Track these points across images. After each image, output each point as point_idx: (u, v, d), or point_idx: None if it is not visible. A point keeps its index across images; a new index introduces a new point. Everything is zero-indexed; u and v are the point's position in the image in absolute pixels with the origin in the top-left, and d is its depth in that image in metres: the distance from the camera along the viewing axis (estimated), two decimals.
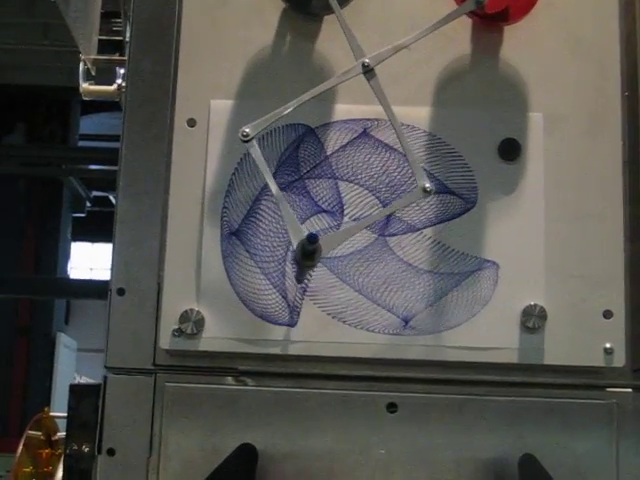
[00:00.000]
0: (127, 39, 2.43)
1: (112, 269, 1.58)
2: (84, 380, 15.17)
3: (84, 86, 2.57)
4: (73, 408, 1.63)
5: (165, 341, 1.50)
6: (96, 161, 13.11)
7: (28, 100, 13.14)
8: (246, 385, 1.52)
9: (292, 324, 1.48)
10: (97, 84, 2.35)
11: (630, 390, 1.55)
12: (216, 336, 1.49)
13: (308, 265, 1.37)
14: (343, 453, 1.50)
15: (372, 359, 1.50)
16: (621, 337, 1.51)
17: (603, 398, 1.54)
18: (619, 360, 1.51)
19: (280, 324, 1.48)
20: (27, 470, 1.89)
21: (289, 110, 1.41)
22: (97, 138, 13.43)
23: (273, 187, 1.38)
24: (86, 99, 2.56)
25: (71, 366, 14.42)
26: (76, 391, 1.64)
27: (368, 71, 1.41)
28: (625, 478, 1.52)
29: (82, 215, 15.09)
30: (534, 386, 1.53)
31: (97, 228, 16.91)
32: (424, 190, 1.37)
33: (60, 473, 1.76)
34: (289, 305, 1.48)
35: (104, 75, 2.49)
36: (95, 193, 14.92)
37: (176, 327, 1.49)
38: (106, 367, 1.57)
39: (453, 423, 1.51)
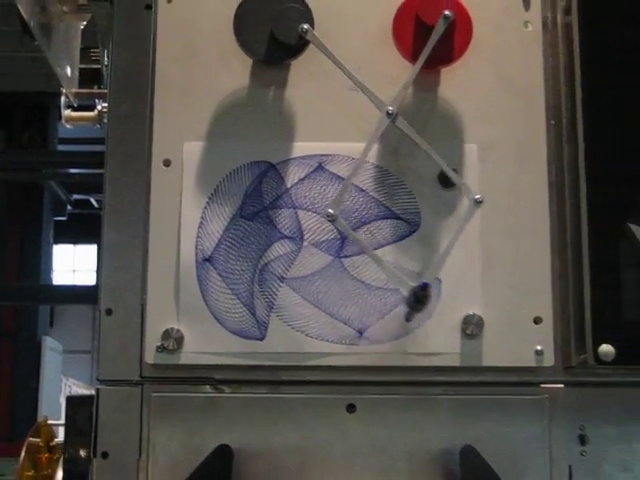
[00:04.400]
0: (105, 70, 2.61)
1: (100, 292, 1.74)
2: (70, 382, 15.26)
3: (66, 113, 2.76)
4: (70, 417, 1.79)
5: (150, 356, 1.67)
6: (76, 164, 13.14)
7: (6, 106, 13.20)
8: (222, 392, 1.68)
9: (261, 338, 1.66)
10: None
11: (562, 385, 1.74)
12: (195, 351, 1.65)
13: (420, 310, 1.58)
14: (309, 449, 1.66)
15: (332, 366, 1.66)
16: (550, 340, 1.68)
17: (537, 393, 1.70)
18: (549, 360, 1.68)
19: (250, 338, 1.66)
20: (29, 474, 2.07)
21: (351, 176, 1.62)
22: (76, 142, 13.47)
23: (364, 247, 1.62)
24: (69, 126, 2.74)
25: (57, 368, 14.45)
26: (72, 402, 1.80)
27: (394, 117, 1.61)
28: (557, 464, 1.70)
29: (63, 218, 15.13)
30: (476, 385, 1.69)
31: (79, 230, 17.03)
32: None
33: (59, 475, 1.93)
34: (258, 321, 1.66)
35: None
36: (76, 196, 14.97)
37: (159, 344, 1.65)
38: (98, 380, 1.73)
39: (406, 420, 1.68)
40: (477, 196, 1.61)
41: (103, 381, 1.73)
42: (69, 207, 14.90)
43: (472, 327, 1.67)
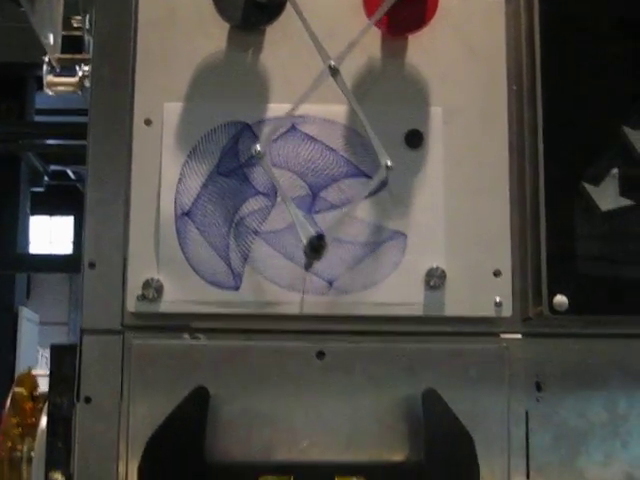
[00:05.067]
0: (86, 36, 2.69)
1: (83, 246, 1.84)
2: (47, 353, 15.30)
3: (49, 79, 2.83)
4: (54, 364, 1.90)
5: (131, 305, 1.76)
6: (53, 136, 13.13)
7: None
8: (199, 340, 1.80)
9: (236, 288, 1.76)
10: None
11: (519, 336, 1.86)
12: (173, 300, 1.75)
13: (316, 258, 1.66)
14: (281, 394, 1.77)
15: (303, 315, 1.77)
16: (508, 292, 1.79)
17: (496, 343, 1.83)
18: (507, 311, 1.79)
19: (226, 288, 1.76)
20: (14, 421, 2.17)
21: (286, 114, 1.71)
22: (53, 113, 13.46)
23: (280, 189, 1.68)
24: (50, 92, 2.81)
25: (34, 339, 14.49)
26: (57, 350, 1.90)
27: (335, 72, 1.69)
28: (514, 409, 1.80)
29: (40, 189, 15.13)
30: (438, 334, 1.81)
31: (55, 202, 17.04)
32: (386, 167, 1.67)
33: (43, 423, 2.01)
34: (233, 272, 1.76)
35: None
36: (53, 167, 14.97)
37: (140, 293, 1.75)
38: (81, 329, 1.83)
39: (372, 367, 1.78)
40: (388, 162, 1.69)
41: (86, 330, 1.82)
42: (46, 178, 14.91)
43: (435, 279, 1.77)
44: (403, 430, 1.77)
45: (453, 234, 1.80)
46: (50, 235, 18.27)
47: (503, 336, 1.84)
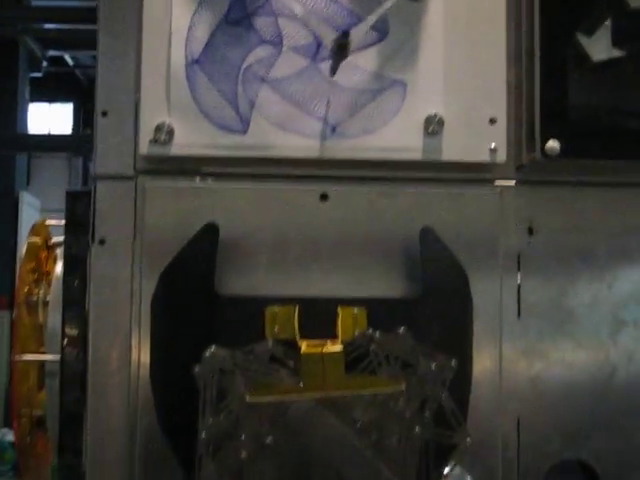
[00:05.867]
0: None
1: (96, 95, 1.91)
2: None
3: None
4: (70, 209, 1.99)
5: (144, 148, 1.84)
6: (51, 20, 13.06)
7: None
8: (208, 183, 1.88)
9: (244, 132, 1.84)
10: None
11: (513, 183, 1.94)
12: (184, 143, 1.83)
13: (343, 57, 1.73)
14: (286, 233, 1.87)
15: (307, 159, 1.85)
16: (503, 139, 1.87)
17: (491, 189, 1.92)
18: (502, 157, 1.88)
19: (234, 132, 1.84)
20: (30, 267, 2.27)
21: None
22: None
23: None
24: None
25: None
26: (72, 195, 1.99)
27: None
28: (507, 251, 1.91)
29: (39, 75, 15.04)
30: (436, 181, 1.90)
31: (54, 89, 16.97)
32: None
33: (59, 269, 2.11)
34: (241, 117, 1.83)
35: None
36: (51, 53, 14.89)
37: (152, 137, 1.83)
38: (95, 176, 1.91)
39: (371, 208, 1.88)
40: None
41: (100, 176, 1.91)
42: (44, 64, 14.84)
43: (433, 126, 1.86)
44: (402, 269, 1.87)
45: (451, 83, 1.87)
46: (49, 123, 18.22)
47: (497, 183, 1.93)
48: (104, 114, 1.91)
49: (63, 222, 2.02)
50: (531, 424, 1.91)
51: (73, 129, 17.93)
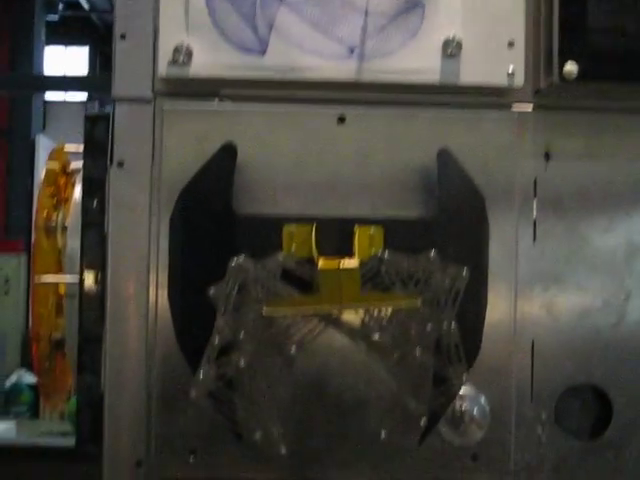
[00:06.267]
0: None
1: (115, 18, 1.92)
2: None
3: None
4: (88, 132, 2.00)
5: (162, 70, 1.84)
6: None
7: None
8: (227, 105, 1.88)
9: (262, 52, 1.83)
10: None
11: (530, 108, 1.94)
12: (203, 64, 1.83)
13: None
14: (303, 155, 1.87)
15: (324, 82, 1.85)
16: (521, 62, 1.87)
17: (508, 113, 1.91)
18: (519, 81, 1.87)
19: (253, 53, 1.83)
20: (48, 192, 2.29)
21: None
22: None
23: None
24: None
25: None
26: (90, 118, 2.00)
27: None
28: (523, 177, 1.91)
29: (55, 19, 15.04)
30: (453, 105, 1.90)
31: (70, 33, 16.95)
32: None
33: (77, 193, 2.12)
34: (260, 39, 1.82)
35: None
36: None
37: (170, 58, 1.83)
38: (114, 98, 1.92)
39: (388, 131, 1.88)
40: None
41: (118, 99, 1.92)
42: (60, 6, 14.81)
43: (452, 48, 1.85)
44: (419, 191, 1.87)
45: (470, 5, 1.87)
46: (65, 66, 18.21)
47: (515, 107, 1.93)
48: (122, 37, 1.91)
49: (82, 149, 2.03)
50: (545, 348, 1.93)
51: (89, 73, 17.92)
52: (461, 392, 1.80)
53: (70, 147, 2.31)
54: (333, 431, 1.83)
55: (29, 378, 8.92)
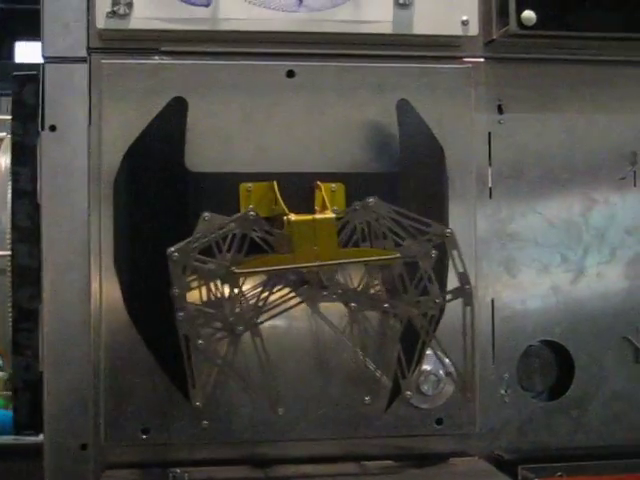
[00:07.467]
0: None
1: None
2: None
3: None
4: (17, 93, 1.85)
5: (100, 21, 1.71)
6: None
7: None
8: (169, 60, 1.76)
9: (207, 4, 1.72)
10: None
11: (482, 60, 1.88)
12: (144, 16, 1.72)
13: None
14: (252, 111, 1.77)
15: (273, 33, 1.76)
16: (475, 11, 1.81)
17: (461, 65, 1.85)
18: (473, 30, 1.81)
19: (197, 5, 1.72)
20: None
21: None
22: None
23: None
24: None
25: None
26: (18, 79, 1.85)
27: None
28: (477, 131, 1.85)
29: None
30: (405, 58, 1.83)
31: None
32: None
33: (5, 161, 1.98)
34: None
35: None
36: None
37: (109, 9, 1.71)
38: (43, 57, 1.78)
39: (342, 86, 1.79)
40: None
41: (48, 58, 1.78)
42: None
43: None
44: (375, 145, 1.80)
45: None
46: None
47: (467, 59, 1.87)
48: None
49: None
50: (505, 306, 1.88)
51: None
52: (426, 353, 1.73)
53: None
54: (298, 400, 1.75)
55: None
